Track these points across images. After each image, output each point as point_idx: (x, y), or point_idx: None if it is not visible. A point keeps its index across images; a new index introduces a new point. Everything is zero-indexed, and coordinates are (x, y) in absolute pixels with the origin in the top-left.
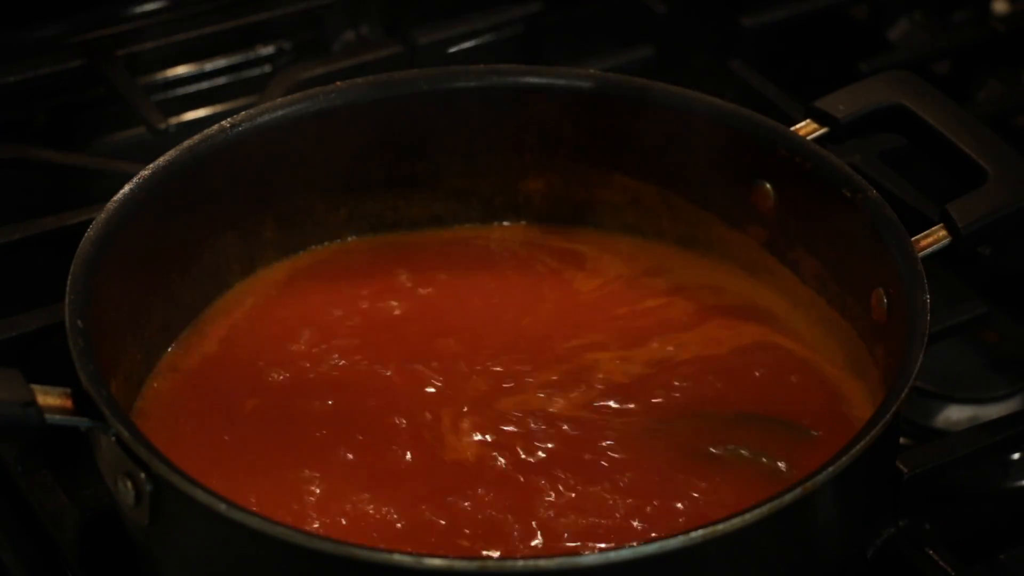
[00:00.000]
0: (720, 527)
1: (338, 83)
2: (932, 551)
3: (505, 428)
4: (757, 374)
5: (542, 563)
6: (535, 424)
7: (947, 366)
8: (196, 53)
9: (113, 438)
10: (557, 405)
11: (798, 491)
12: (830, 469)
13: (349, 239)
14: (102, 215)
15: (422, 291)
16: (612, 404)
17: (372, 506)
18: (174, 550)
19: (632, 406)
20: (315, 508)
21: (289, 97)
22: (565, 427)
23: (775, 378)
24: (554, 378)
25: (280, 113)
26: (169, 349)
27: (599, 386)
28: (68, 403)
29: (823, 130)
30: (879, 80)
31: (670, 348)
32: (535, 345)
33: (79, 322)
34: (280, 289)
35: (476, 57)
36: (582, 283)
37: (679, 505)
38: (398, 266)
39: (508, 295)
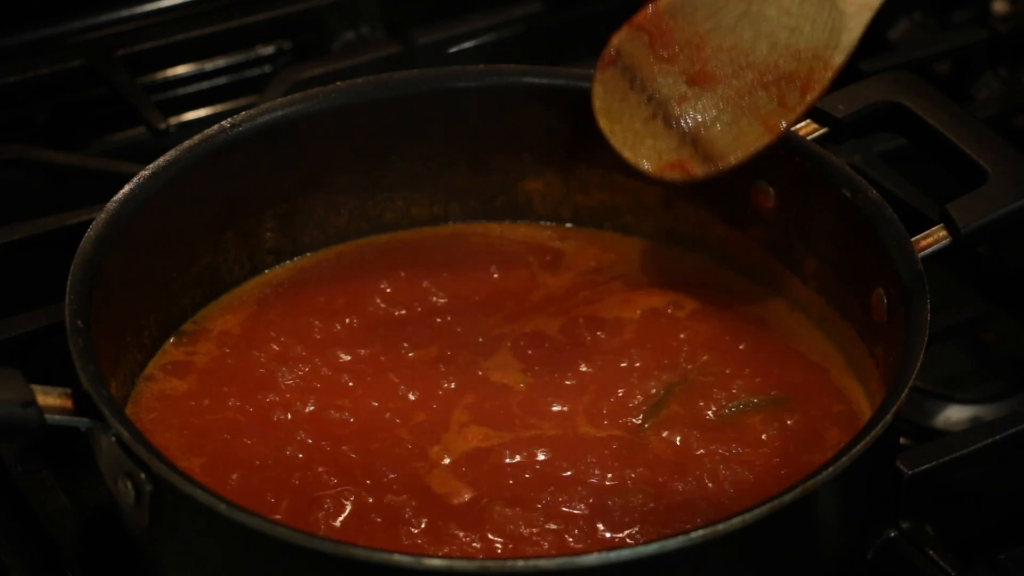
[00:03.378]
0: (720, 527)
1: (338, 83)
2: (932, 551)
3: (511, 431)
4: (757, 374)
5: (542, 563)
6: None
7: (947, 366)
8: (196, 53)
9: (113, 438)
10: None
11: (798, 491)
12: (830, 469)
13: (349, 239)
14: (102, 215)
15: (422, 291)
16: (613, 404)
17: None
18: (174, 550)
19: (632, 406)
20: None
21: (289, 97)
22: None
23: (775, 378)
24: (554, 379)
25: (280, 113)
26: (169, 349)
27: (600, 385)
28: (68, 403)
29: (823, 130)
30: (879, 80)
31: (669, 348)
32: (537, 344)
33: (79, 322)
34: (280, 289)
35: (476, 57)
36: (582, 283)
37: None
38: (399, 266)
39: (508, 295)
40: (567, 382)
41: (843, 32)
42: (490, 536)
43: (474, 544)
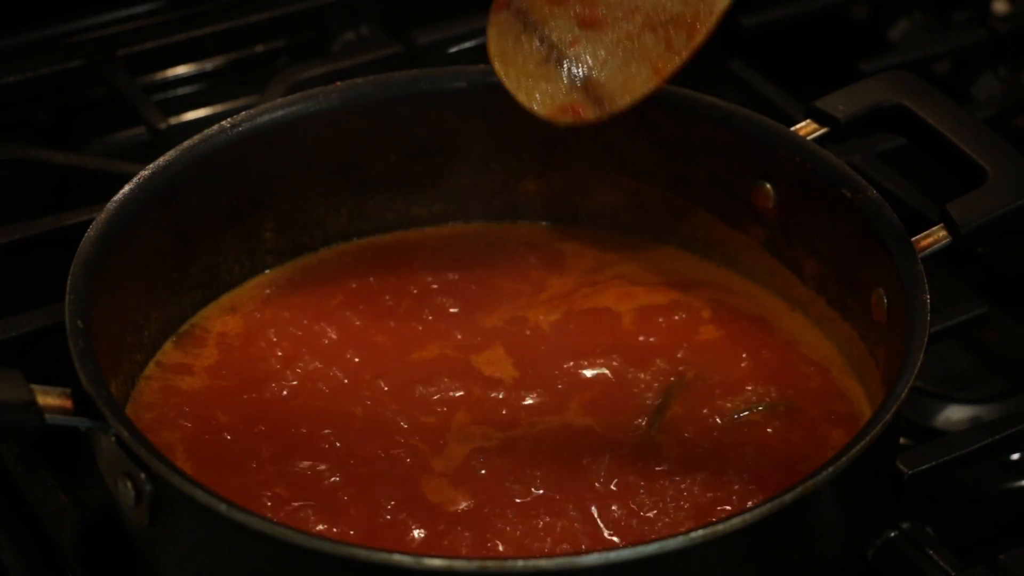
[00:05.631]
0: (720, 527)
1: (338, 83)
2: (932, 551)
3: (511, 432)
4: (757, 374)
5: (542, 563)
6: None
7: (947, 366)
8: (196, 53)
9: (113, 438)
10: (564, 405)
11: (798, 491)
12: (830, 469)
13: (349, 239)
14: (102, 215)
15: (423, 291)
16: (614, 404)
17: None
18: (174, 550)
19: (633, 407)
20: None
21: (289, 97)
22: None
23: (775, 378)
24: (554, 378)
25: (280, 113)
26: (169, 349)
27: (601, 386)
28: (68, 403)
29: (823, 130)
30: (879, 80)
31: (669, 348)
32: (537, 344)
33: (79, 322)
34: (280, 289)
35: (476, 57)
36: (582, 283)
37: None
38: (398, 266)
39: (509, 295)
40: (567, 381)
41: None
42: (488, 536)
43: (474, 545)
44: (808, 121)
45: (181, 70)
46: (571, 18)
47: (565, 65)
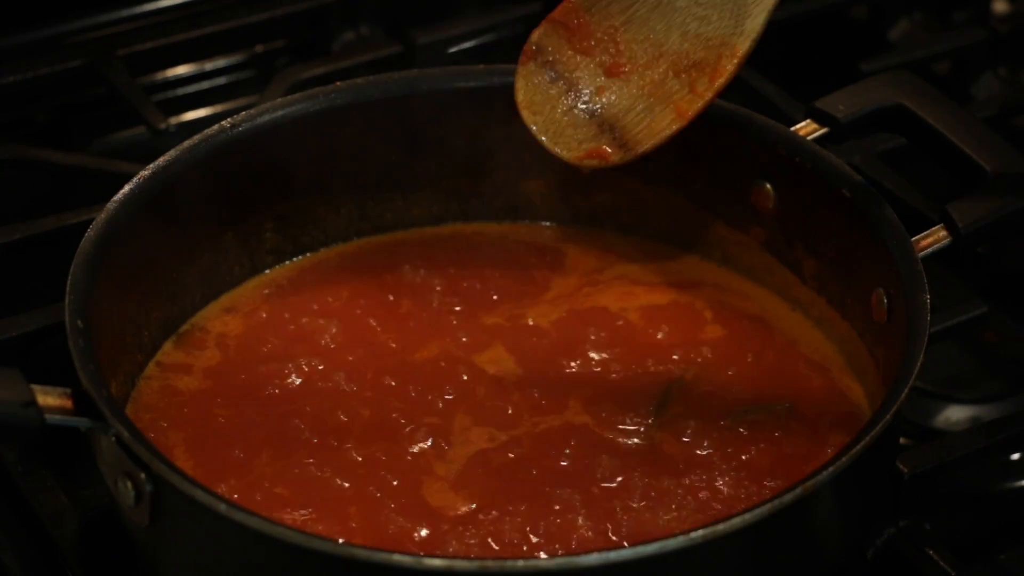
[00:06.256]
0: (720, 527)
1: (338, 83)
2: (932, 551)
3: (512, 432)
4: (757, 374)
5: (542, 563)
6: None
7: (947, 366)
8: (196, 53)
9: (113, 438)
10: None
11: (798, 491)
12: (830, 469)
13: (349, 239)
14: (102, 215)
15: (423, 291)
16: (614, 404)
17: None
18: (174, 550)
19: (634, 407)
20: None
21: (289, 97)
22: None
23: (775, 378)
24: (555, 377)
25: (280, 113)
26: (169, 349)
27: (602, 385)
28: (68, 403)
29: (823, 130)
30: (879, 80)
31: (670, 348)
32: (539, 343)
33: (79, 322)
34: (280, 289)
35: (476, 57)
36: (582, 283)
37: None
38: (399, 266)
39: (509, 295)
40: (569, 380)
41: (747, 19)
42: (490, 538)
43: (474, 545)
44: (808, 121)
45: (181, 70)
46: (597, 66)
47: (592, 113)
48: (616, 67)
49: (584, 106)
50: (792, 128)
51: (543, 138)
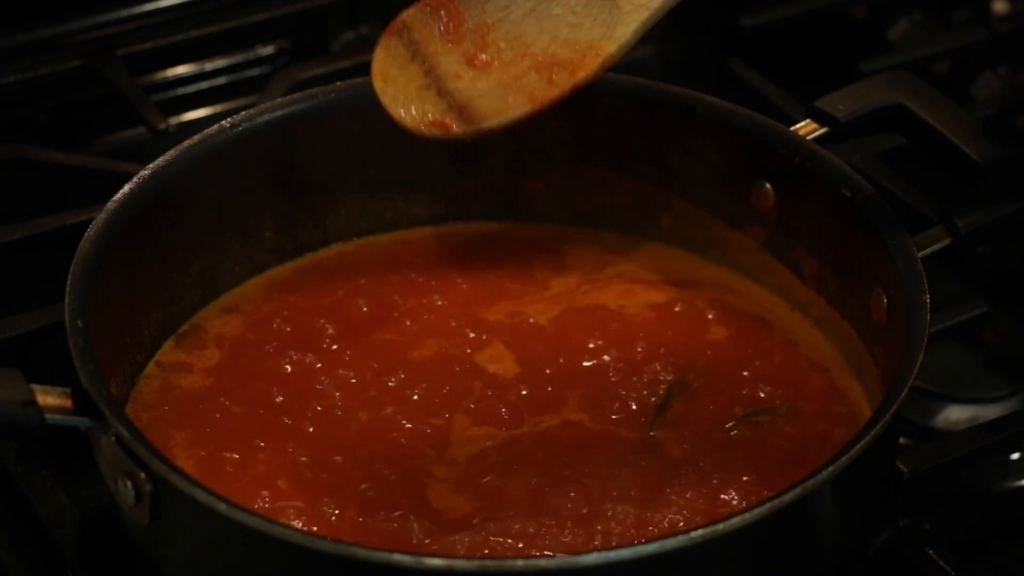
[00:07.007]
0: (720, 527)
1: (338, 83)
2: (932, 551)
3: (513, 431)
4: (757, 374)
5: (542, 563)
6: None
7: (947, 366)
8: (196, 53)
9: (113, 438)
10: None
11: (798, 491)
12: (830, 469)
13: (349, 239)
14: (102, 215)
15: (423, 291)
16: (615, 404)
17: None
18: (174, 550)
19: (634, 406)
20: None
21: (289, 97)
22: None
23: (774, 378)
24: (555, 376)
25: (280, 113)
26: (169, 349)
27: (602, 384)
28: (68, 403)
29: (823, 130)
30: (879, 80)
31: (670, 348)
32: (539, 342)
33: (79, 322)
34: (280, 290)
35: None
36: (582, 283)
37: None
38: (399, 266)
39: (509, 294)
40: (569, 379)
41: (619, 26)
42: (491, 538)
43: (475, 546)
44: (808, 121)
45: (181, 70)
46: (460, 55)
47: (444, 93)
48: (478, 59)
49: (439, 89)
50: (792, 128)
51: (389, 105)
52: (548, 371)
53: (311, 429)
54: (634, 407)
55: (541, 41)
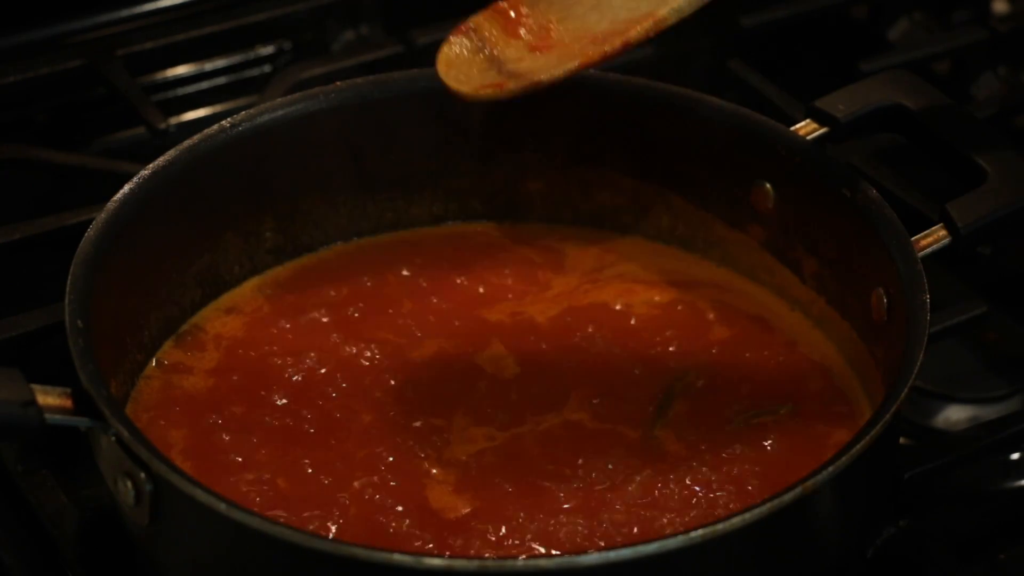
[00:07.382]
0: (720, 527)
1: (338, 83)
2: (932, 551)
3: (513, 431)
4: (757, 374)
5: (542, 563)
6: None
7: (947, 366)
8: (196, 53)
9: (113, 438)
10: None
11: (798, 491)
12: (830, 469)
13: (349, 239)
14: (102, 215)
15: (423, 291)
16: (615, 404)
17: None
18: (174, 550)
19: (635, 406)
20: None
21: (289, 97)
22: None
23: (775, 378)
24: (555, 376)
25: (280, 113)
26: (169, 349)
27: (603, 384)
28: (68, 403)
29: (823, 130)
30: (879, 80)
31: (670, 348)
32: (539, 342)
33: (79, 322)
34: (280, 290)
35: None
36: (583, 283)
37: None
38: (399, 266)
39: (509, 294)
40: (569, 379)
41: None
42: (491, 538)
43: (476, 546)
44: (808, 121)
45: (181, 70)
46: (523, 46)
47: (504, 71)
48: (541, 47)
49: (499, 68)
50: (792, 128)
51: (446, 78)
52: (548, 371)
53: (311, 430)
54: (635, 406)
55: (601, 25)
